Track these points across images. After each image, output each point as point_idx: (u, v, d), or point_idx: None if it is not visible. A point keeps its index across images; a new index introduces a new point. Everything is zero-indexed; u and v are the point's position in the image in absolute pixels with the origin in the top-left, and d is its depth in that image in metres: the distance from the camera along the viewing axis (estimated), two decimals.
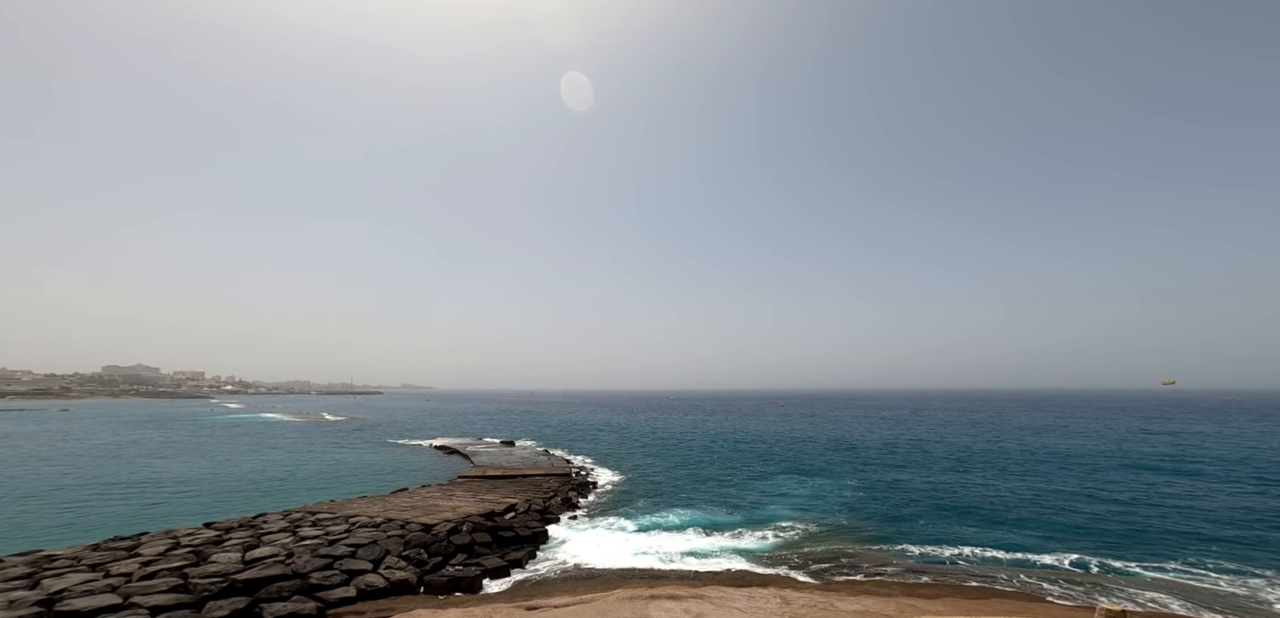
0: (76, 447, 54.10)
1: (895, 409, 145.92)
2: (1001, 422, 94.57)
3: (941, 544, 22.35)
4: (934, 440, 62.91)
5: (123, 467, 41.54)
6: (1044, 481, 36.67)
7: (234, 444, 58.37)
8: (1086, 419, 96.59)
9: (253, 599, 13.64)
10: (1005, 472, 40.32)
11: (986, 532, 24.32)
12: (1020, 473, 39.69)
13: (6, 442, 57.39)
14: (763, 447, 58.69)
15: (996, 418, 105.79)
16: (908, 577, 18.83)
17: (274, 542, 17.89)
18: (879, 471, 41.30)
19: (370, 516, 21.89)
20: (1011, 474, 39.25)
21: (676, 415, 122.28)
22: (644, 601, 15.54)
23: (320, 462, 45.23)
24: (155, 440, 61.92)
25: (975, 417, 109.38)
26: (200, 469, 40.89)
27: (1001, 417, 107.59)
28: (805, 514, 27.14)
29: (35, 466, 41.12)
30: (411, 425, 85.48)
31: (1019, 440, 61.11)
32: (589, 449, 55.48)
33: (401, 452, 51.53)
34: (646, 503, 29.80)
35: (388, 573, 16.14)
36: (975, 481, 36.80)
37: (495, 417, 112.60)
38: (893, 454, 50.42)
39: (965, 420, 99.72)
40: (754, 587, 17.56)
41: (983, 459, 46.65)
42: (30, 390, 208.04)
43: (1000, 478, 37.72)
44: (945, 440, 62.93)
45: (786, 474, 39.86)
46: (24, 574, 14.38)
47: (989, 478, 37.69)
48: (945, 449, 54.06)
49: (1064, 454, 49.42)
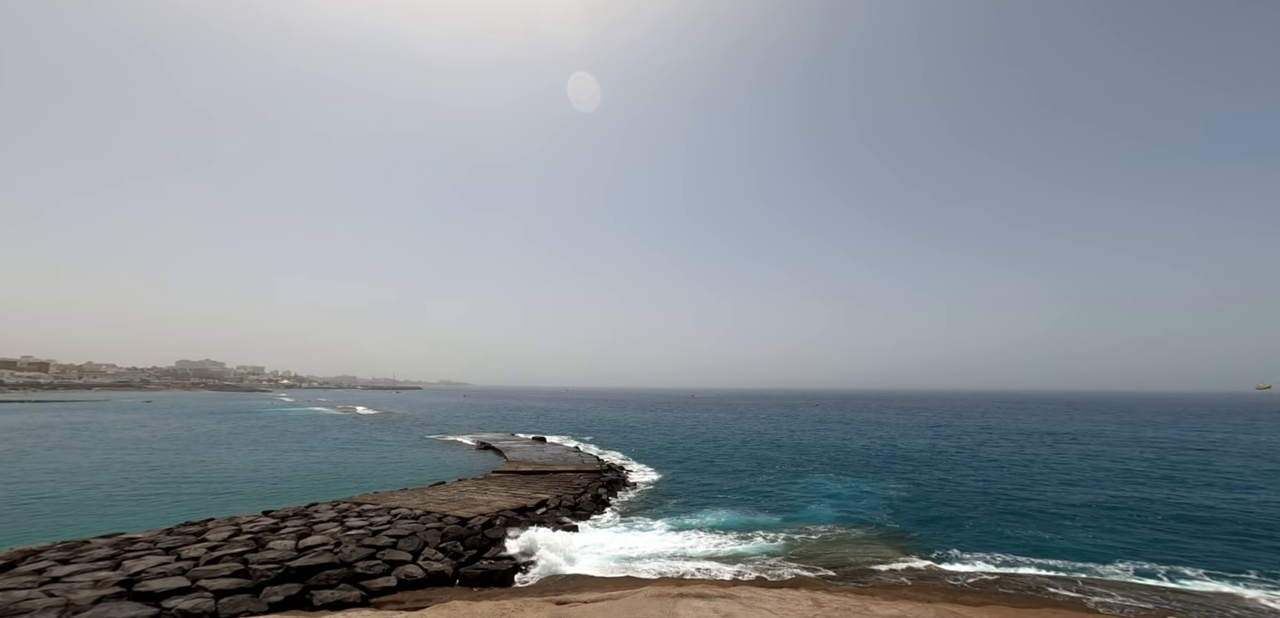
0: (153, 435, 59.18)
1: (938, 410, 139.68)
2: (1062, 425, 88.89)
3: (991, 550, 21.31)
4: (983, 443, 59.93)
5: (193, 455, 45.14)
6: (1111, 487, 34.36)
7: (289, 436, 62.30)
8: (1164, 424, 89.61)
9: (304, 586, 14.58)
10: (1066, 478, 37.97)
11: (1041, 537, 23.01)
12: (1083, 479, 37.28)
13: (95, 431, 63.44)
14: (797, 446, 57.54)
15: (1054, 421, 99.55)
16: (951, 583, 18.07)
17: (324, 531, 19.02)
18: (922, 472, 39.73)
19: (410, 508, 22.91)
20: (1073, 480, 36.92)
21: (707, 414, 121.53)
22: (672, 599, 15.56)
23: (364, 455, 47.63)
24: (221, 431, 66.94)
25: (1028, 419, 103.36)
26: (259, 459, 43.90)
27: (1060, 420, 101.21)
28: (841, 516, 26.46)
29: (119, 452, 45.25)
30: (448, 421, 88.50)
31: (1081, 446, 57.33)
32: (619, 446, 55.96)
33: (439, 447, 53.54)
34: (676, 501, 29.83)
35: (426, 564, 16.89)
36: (1031, 486, 34.86)
37: (527, 413, 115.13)
38: (938, 456, 48.37)
39: (1018, 423, 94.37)
40: (785, 588, 17.28)
41: (1041, 464, 44.11)
42: (114, 383, 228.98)
43: (1059, 484, 35.60)
44: (998, 443, 59.84)
45: (822, 474, 38.96)
46: (108, 555, 15.90)
47: (1047, 484, 35.61)
48: (997, 452, 51.42)
49: (1133, 461, 46.11)
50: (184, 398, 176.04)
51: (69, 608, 12.14)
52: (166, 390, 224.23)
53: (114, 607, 12.39)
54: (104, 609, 12.19)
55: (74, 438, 55.13)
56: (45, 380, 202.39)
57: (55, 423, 72.35)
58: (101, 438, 55.85)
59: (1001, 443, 59.28)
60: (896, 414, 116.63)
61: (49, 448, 47.08)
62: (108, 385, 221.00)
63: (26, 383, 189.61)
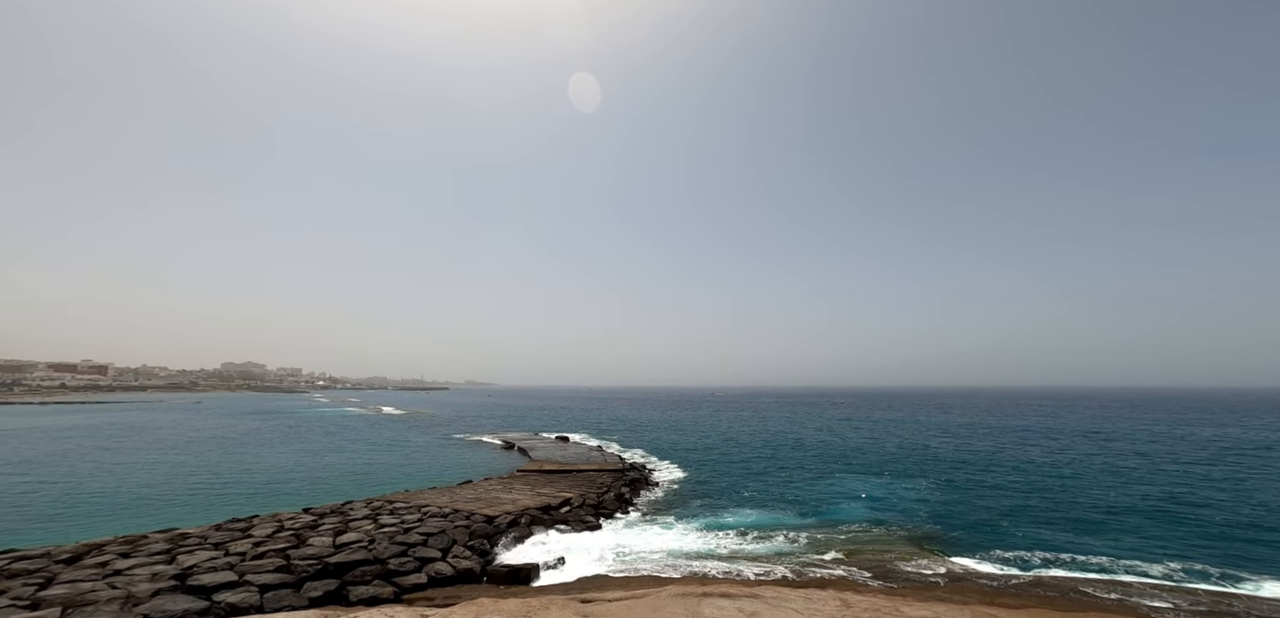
0: (201, 435, 62.58)
1: (971, 407, 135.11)
2: (1094, 425, 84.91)
3: (1032, 548, 20.66)
4: (1015, 443, 57.76)
5: (238, 453, 47.56)
6: (1150, 487, 32.76)
7: (324, 436, 64.92)
8: (1214, 420, 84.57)
9: (341, 582, 15.27)
10: (1104, 478, 36.35)
11: (1082, 539, 22.15)
12: (1121, 479, 35.65)
13: (151, 431, 67.46)
14: (821, 445, 56.66)
15: (1086, 421, 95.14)
16: (987, 584, 17.55)
17: (359, 528, 19.83)
18: (955, 472, 38.61)
19: (439, 506, 23.63)
20: (1112, 481, 35.33)
21: (731, 412, 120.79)
22: (697, 598, 15.64)
23: (395, 454, 49.26)
24: (262, 430, 70.28)
25: (1068, 417, 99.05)
26: (298, 457, 45.94)
27: (1106, 417, 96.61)
28: (871, 516, 26.00)
29: (172, 453, 48.02)
30: (474, 420, 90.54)
31: (1129, 443, 54.73)
32: (641, 444, 56.22)
33: (465, 446, 54.89)
34: (700, 500, 29.84)
35: (454, 562, 17.43)
36: (1068, 486, 33.51)
37: (550, 412, 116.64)
38: (970, 456, 46.90)
39: (1057, 421, 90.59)
40: (812, 588, 17.13)
41: (1077, 464, 42.29)
42: (166, 384, 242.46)
43: (1098, 484, 34.11)
44: (1037, 442, 57.60)
45: (851, 473, 38.32)
46: (163, 549, 16.99)
47: (1085, 484, 34.18)
48: (1030, 453, 49.49)
49: (1185, 459, 43.73)
50: (229, 399, 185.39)
51: (129, 600, 13.05)
52: (213, 392, 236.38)
53: (169, 600, 13.26)
54: (160, 602, 13.06)
55: (131, 438, 58.79)
56: (104, 383, 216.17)
57: (114, 423, 77.26)
58: (156, 438, 59.39)
59: (1034, 443, 57.03)
60: (920, 412, 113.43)
61: (103, 449, 50.34)
62: (160, 387, 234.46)
63: (87, 385, 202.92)
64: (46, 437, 58.16)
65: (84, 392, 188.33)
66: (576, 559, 19.38)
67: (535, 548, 20.01)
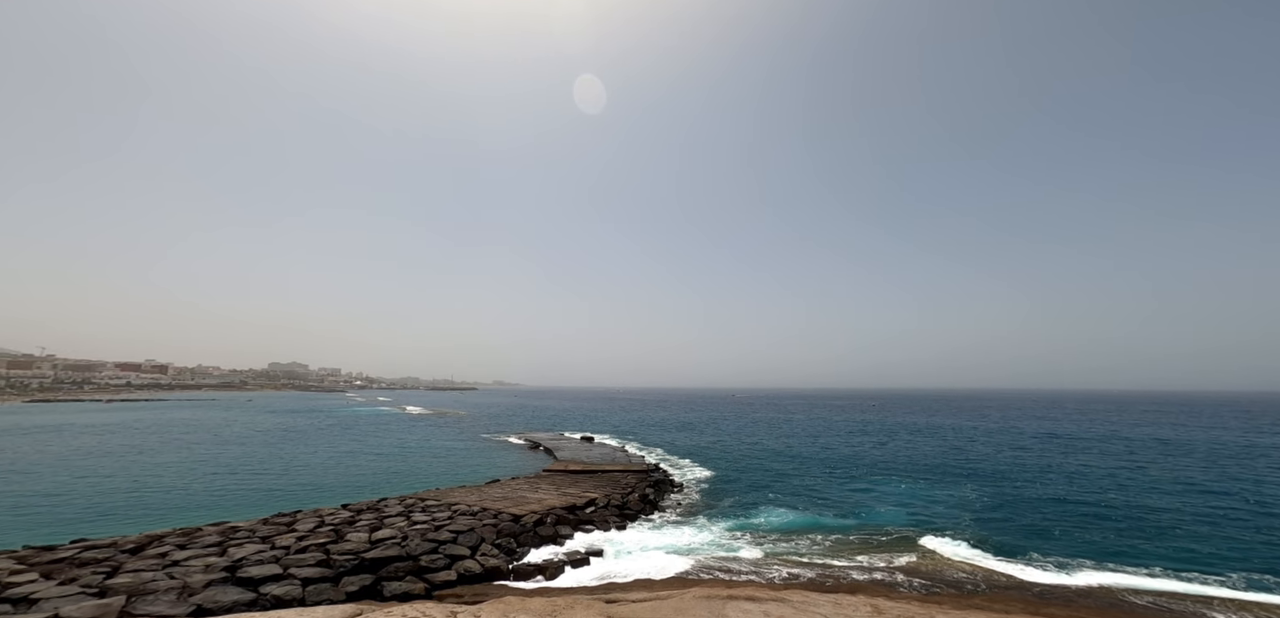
0: (251, 431, 66.27)
1: (994, 410, 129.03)
2: (1122, 430, 79.79)
3: (1077, 554, 19.78)
4: (1051, 446, 54.95)
5: (283, 449, 50.12)
6: (1197, 494, 30.66)
7: (360, 434, 67.76)
8: (1232, 426, 78.32)
9: (376, 577, 15.94)
10: (1147, 483, 34.32)
11: (1137, 547, 21.03)
12: (1165, 485, 33.54)
13: (209, 427, 71.90)
14: (852, 446, 55.33)
15: (1148, 423, 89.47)
16: (1031, 593, 16.79)
17: (393, 525, 20.62)
18: (998, 479, 36.98)
19: (468, 504, 24.30)
20: (1155, 486, 33.31)
21: (753, 413, 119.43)
22: (722, 601, 15.56)
23: (427, 452, 50.92)
24: (305, 428, 73.83)
25: (1115, 421, 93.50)
26: (338, 454, 48.06)
27: (1158, 421, 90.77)
28: (904, 519, 25.31)
29: (226, 448, 51.02)
30: (501, 420, 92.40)
31: (1186, 449, 51.19)
32: (664, 445, 56.23)
33: (493, 445, 56.17)
34: (725, 501, 29.65)
35: (483, 559, 17.91)
36: (1113, 492, 31.72)
37: (575, 413, 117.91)
38: (1020, 459, 44.90)
39: (1083, 428, 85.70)
40: (842, 593, 16.79)
41: (1116, 469, 39.97)
42: (219, 383, 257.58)
43: (1142, 489, 32.23)
44: (1065, 446, 54.65)
45: (884, 477, 37.29)
46: (216, 542, 18.12)
47: (1129, 489, 32.31)
48: (1066, 455, 46.97)
49: (1207, 466, 40.75)
50: (275, 397, 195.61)
51: (186, 590, 14.00)
52: (261, 391, 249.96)
53: (221, 590, 14.15)
54: (212, 593, 13.95)
55: (190, 433, 62.82)
56: (165, 381, 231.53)
57: (175, 420, 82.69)
58: (215, 434, 63.28)
59: (1062, 447, 54.12)
60: (949, 416, 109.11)
61: (165, 444, 53.90)
62: (214, 386, 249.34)
63: (150, 384, 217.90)
64: (116, 433, 62.77)
65: (147, 390, 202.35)
66: (601, 560, 19.60)
67: (561, 548, 20.35)
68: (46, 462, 40.61)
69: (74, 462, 40.75)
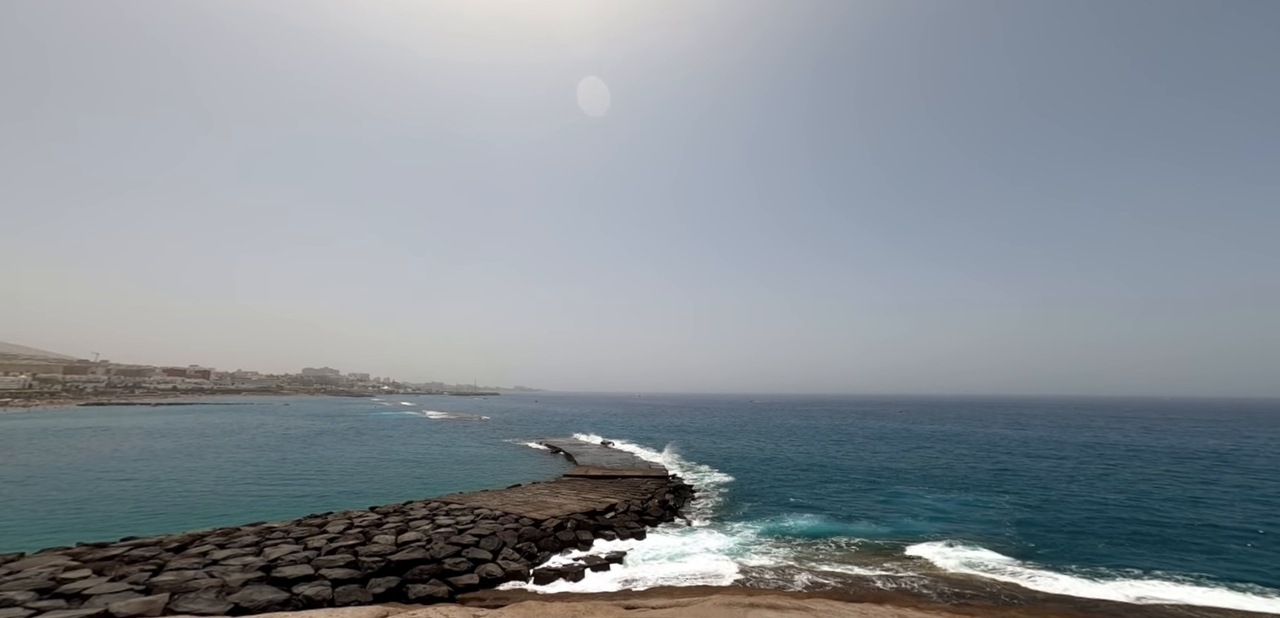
0: (286, 435, 68.88)
1: (1049, 417, 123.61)
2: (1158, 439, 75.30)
3: (1125, 566, 18.88)
4: (1111, 457, 52.30)
5: (316, 451, 51.93)
6: (1245, 506, 28.68)
7: (388, 438, 69.72)
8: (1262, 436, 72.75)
9: (402, 579, 16.35)
10: (1191, 495, 32.42)
11: (1188, 561, 19.93)
12: (1211, 498, 31.53)
13: (250, 431, 75.09)
14: (879, 454, 53.99)
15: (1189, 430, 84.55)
16: (1074, 606, 16.04)
17: (418, 528, 21.11)
18: (1035, 488, 35.53)
19: (490, 508, 24.68)
20: (1201, 498, 31.36)
21: (775, 418, 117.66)
22: (743, 609, 15.39)
23: (450, 456, 51.99)
24: (337, 431, 76.35)
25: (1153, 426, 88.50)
26: (367, 457, 49.53)
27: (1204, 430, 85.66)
28: (936, 530, 24.53)
29: (264, 451, 53.18)
30: (523, 425, 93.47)
31: (1192, 462, 48.23)
32: (684, 450, 55.99)
33: (514, 450, 56.91)
34: (746, 506, 29.32)
35: (504, 563, 18.17)
36: (1156, 504, 30.06)
37: (594, 418, 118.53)
38: (1057, 468, 43.07)
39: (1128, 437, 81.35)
40: (868, 603, 16.39)
41: (1158, 480, 37.86)
42: (257, 388, 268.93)
43: (1187, 502, 30.45)
44: (1099, 453, 51.96)
45: (913, 485, 36.27)
46: (253, 542, 18.89)
47: (1175, 501, 30.51)
48: (1101, 462, 44.66)
49: (1239, 475, 37.98)
50: (309, 402, 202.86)
51: (224, 589, 14.64)
52: (296, 395, 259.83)
53: (257, 589, 14.74)
54: (249, 592, 14.54)
55: (229, 436, 65.72)
56: (207, 386, 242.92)
57: (216, 425, 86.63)
58: (251, 437, 66.05)
59: (1096, 454, 51.36)
60: (976, 424, 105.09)
61: (207, 447, 56.49)
62: (252, 390, 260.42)
63: (194, 388, 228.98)
64: (163, 436, 66.15)
65: (191, 394, 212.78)
66: (621, 565, 19.62)
67: (581, 553, 20.46)
68: (99, 462, 43.12)
69: (124, 463, 43.12)
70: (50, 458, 44.78)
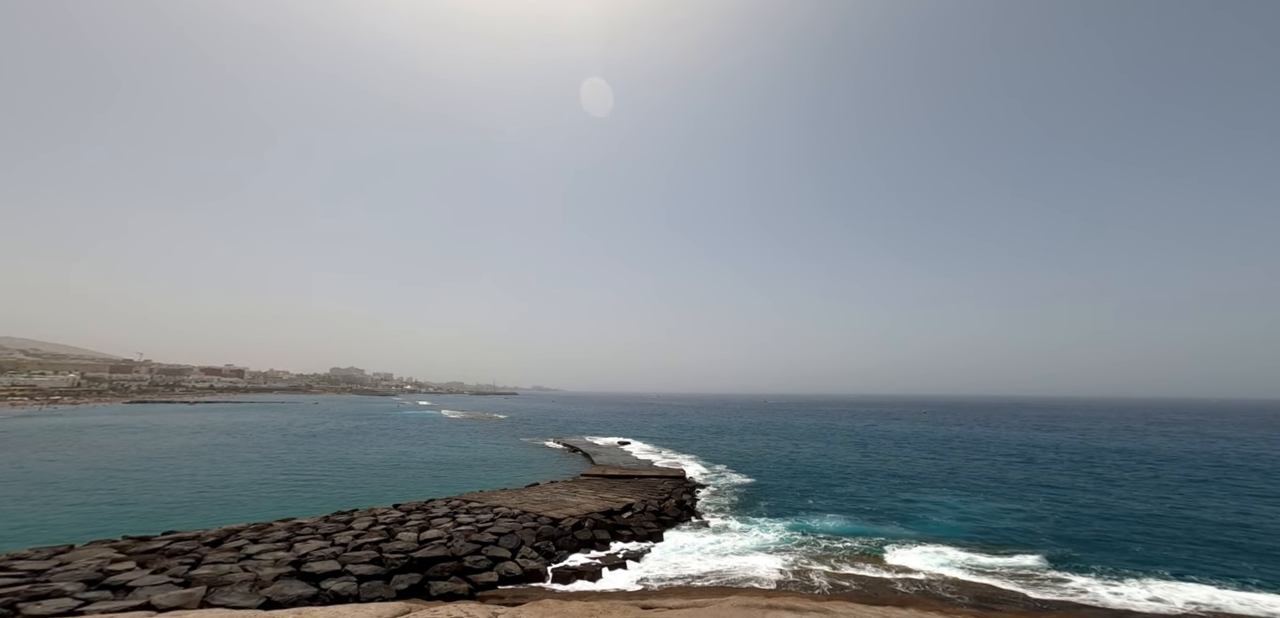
0: (315, 432, 71.16)
1: (1078, 419, 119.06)
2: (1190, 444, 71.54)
3: (1161, 567, 18.12)
4: (1141, 461, 50.13)
5: (343, 449, 53.52)
6: None
7: (411, 436, 71.29)
8: None
9: (424, 576, 16.75)
10: (1237, 500, 30.64)
11: (1231, 565, 18.99)
12: (1259, 501, 29.74)
13: (282, 428, 77.85)
14: (906, 455, 52.88)
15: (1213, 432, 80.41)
16: (1107, 614, 15.47)
17: (439, 525, 21.58)
18: (1068, 488, 34.39)
19: (509, 507, 25.06)
20: (1246, 502, 29.62)
21: (792, 418, 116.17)
22: (761, 610, 15.27)
23: (471, 455, 52.89)
24: (363, 429, 78.51)
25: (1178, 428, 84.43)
26: (391, 455, 50.82)
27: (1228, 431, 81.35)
28: (961, 532, 23.98)
29: (295, 448, 55.09)
30: (540, 425, 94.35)
31: (1228, 466, 45.64)
32: (700, 450, 55.76)
33: (533, 450, 57.55)
34: (764, 507, 29.10)
35: (523, 562, 18.44)
36: (1208, 503, 28.62)
37: (611, 417, 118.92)
38: (1089, 468, 41.48)
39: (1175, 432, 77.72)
40: (891, 607, 16.10)
41: (1198, 482, 36.11)
42: (288, 386, 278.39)
43: (1232, 507, 28.85)
44: (1123, 457, 49.73)
45: (936, 486, 35.47)
46: (283, 537, 19.60)
47: (1220, 505, 29.03)
48: (1128, 465, 42.72)
49: None
50: (336, 401, 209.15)
51: (257, 583, 15.25)
52: (324, 393, 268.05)
53: (287, 584, 15.31)
54: (279, 586, 15.11)
55: (263, 434, 68.26)
56: (242, 385, 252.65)
57: (249, 423, 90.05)
58: (282, 434, 68.49)
59: (1119, 458, 49.06)
60: (1035, 424, 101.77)
61: (242, 443, 58.76)
62: (283, 389, 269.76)
63: (229, 386, 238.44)
64: (201, 433, 69.09)
65: (227, 392, 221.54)
66: (638, 565, 19.71)
67: (598, 552, 20.62)
68: (143, 458, 45.30)
69: (166, 459, 45.21)
70: (98, 454, 47.24)
